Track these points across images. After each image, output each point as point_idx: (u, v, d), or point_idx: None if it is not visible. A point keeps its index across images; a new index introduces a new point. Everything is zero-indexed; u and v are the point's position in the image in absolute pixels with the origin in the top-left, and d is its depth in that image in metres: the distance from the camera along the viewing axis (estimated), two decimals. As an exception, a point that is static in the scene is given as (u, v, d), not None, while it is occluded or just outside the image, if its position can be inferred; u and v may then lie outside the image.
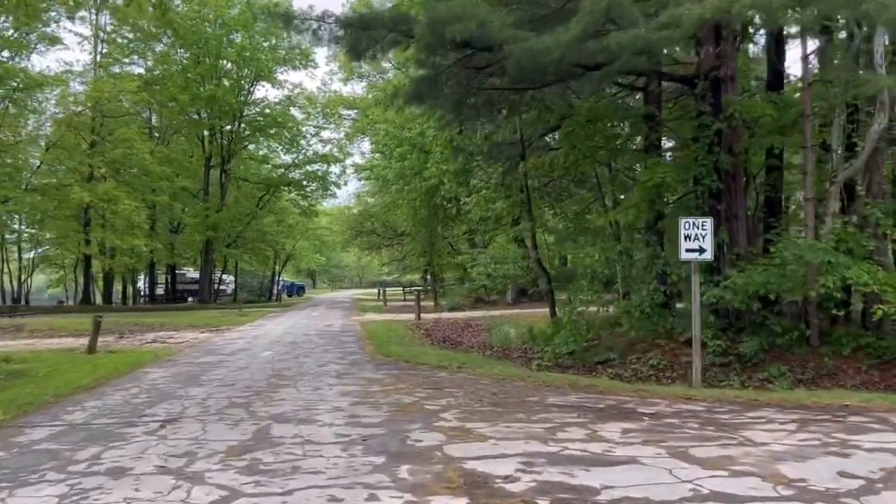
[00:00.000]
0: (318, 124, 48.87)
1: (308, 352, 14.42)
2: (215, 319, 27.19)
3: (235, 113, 41.33)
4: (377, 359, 13.09)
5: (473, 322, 24.71)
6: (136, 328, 22.83)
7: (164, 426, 6.88)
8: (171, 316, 30.28)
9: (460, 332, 22.20)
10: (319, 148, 47.87)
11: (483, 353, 16.22)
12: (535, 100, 15.19)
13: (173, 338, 18.91)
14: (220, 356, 13.84)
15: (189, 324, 24.87)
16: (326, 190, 48.47)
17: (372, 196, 49.02)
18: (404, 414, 7.45)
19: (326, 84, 58.26)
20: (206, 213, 41.92)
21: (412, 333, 20.21)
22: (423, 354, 13.59)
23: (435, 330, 21.89)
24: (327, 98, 49.35)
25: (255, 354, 14.03)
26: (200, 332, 20.65)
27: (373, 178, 34.48)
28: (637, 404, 8.22)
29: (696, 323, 10.20)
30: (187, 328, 23.17)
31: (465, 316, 27.02)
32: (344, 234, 60.07)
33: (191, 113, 40.51)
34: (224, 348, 15.54)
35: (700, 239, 10.26)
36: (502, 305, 31.01)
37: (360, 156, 52.66)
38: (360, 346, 15.78)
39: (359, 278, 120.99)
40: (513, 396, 8.76)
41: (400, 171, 30.62)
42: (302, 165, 47.55)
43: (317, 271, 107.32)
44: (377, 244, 61.68)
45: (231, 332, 20.47)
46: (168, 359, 13.53)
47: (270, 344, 16.30)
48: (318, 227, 65.11)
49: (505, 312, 27.01)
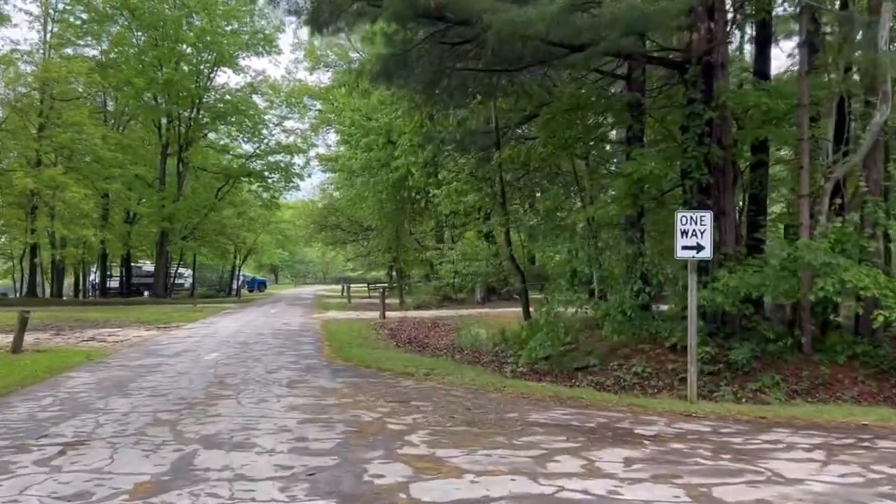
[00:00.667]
0: (281, 114, 47.23)
1: (259, 354, 13.09)
2: (166, 316, 25.61)
3: (194, 99, 39.49)
4: (335, 363, 11.84)
5: (441, 322, 23.56)
6: (77, 324, 21.18)
7: (63, 452, 5.58)
8: (120, 311, 28.56)
9: (427, 333, 21.04)
10: (283, 138, 46.23)
11: (452, 356, 15.07)
12: (512, 84, 14.08)
13: (115, 335, 17.38)
14: (160, 358, 12.46)
15: (137, 320, 23.28)
16: (289, 182, 46.83)
17: (337, 189, 47.51)
18: (363, 436, 6.25)
19: (291, 73, 56.95)
20: (161, 203, 40.03)
21: (376, 334, 18.98)
22: (387, 359, 12.38)
23: (400, 330, 20.68)
24: (291, 87, 47.72)
25: (200, 357, 12.67)
26: (146, 330, 19.14)
27: (338, 170, 33.05)
28: (632, 423, 7.15)
29: (692, 329, 9.17)
30: (133, 325, 21.60)
31: (433, 315, 25.86)
32: (308, 228, 58.39)
33: (147, 98, 38.57)
34: (166, 349, 14.13)
35: (698, 235, 9.22)
36: (471, 304, 29.90)
37: (326, 147, 51.16)
38: (318, 348, 14.50)
39: (323, 274, 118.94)
40: (489, 412, 7.62)
41: (366, 162, 29.29)
42: (264, 156, 45.85)
43: (279, 266, 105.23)
44: (342, 239, 60.10)
45: (179, 331, 19.00)
46: (100, 360, 12.10)
47: (219, 344, 14.92)
48: (281, 220, 63.41)
49: (474, 312, 25.90)
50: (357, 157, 29.57)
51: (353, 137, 29.04)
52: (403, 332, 20.33)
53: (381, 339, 17.64)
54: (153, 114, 38.88)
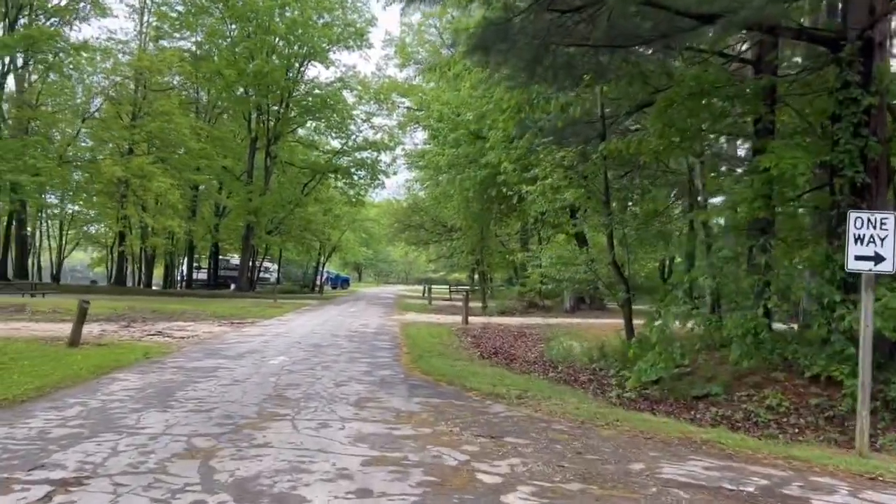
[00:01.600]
0: (370, 111, 46.47)
1: (330, 361, 11.72)
2: (243, 310, 24.89)
3: (283, 92, 39.11)
4: (413, 377, 10.31)
5: (528, 330, 21.80)
6: (152, 316, 20.60)
7: (49, 497, 4.21)
8: (200, 304, 28.14)
9: (513, 343, 19.33)
10: (370, 134, 45.45)
11: (545, 372, 13.31)
12: (627, 64, 12.20)
13: (184, 330, 16.51)
14: (221, 359, 11.27)
15: (213, 314, 22.59)
16: (375, 178, 46.01)
17: (422, 187, 46.38)
18: (445, 492, 4.64)
19: (381, 69, 56.06)
20: (248, 196, 39.89)
21: (458, 341, 17.42)
22: (472, 374, 10.74)
23: (484, 338, 19.05)
24: (381, 84, 46.94)
25: (264, 360, 11.40)
26: (218, 325, 18.24)
27: (424, 167, 31.71)
28: (803, 488, 5.26)
29: (865, 360, 7.11)
30: (208, 319, 20.86)
31: (518, 322, 24.12)
32: (391, 226, 57.66)
33: (237, 91, 38.46)
34: (232, 348, 12.99)
35: (877, 242, 7.18)
36: (558, 313, 27.97)
37: (413, 146, 50.20)
38: (395, 355, 13.03)
39: (405, 274, 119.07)
40: (607, 459, 5.86)
41: (453, 158, 27.82)
42: (351, 152, 45.19)
43: (363, 265, 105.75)
44: (425, 239, 59.14)
45: (252, 327, 18.00)
46: (156, 359, 11.01)
47: (288, 346, 13.69)
48: (366, 218, 63.08)
49: (563, 321, 23.99)
50: (444, 153, 28.14)
51: (440, 133, 27.64)
52: (488, 340, 18.69)
53: (463, 347, 16.05)
54: (243, 106, 38.73)
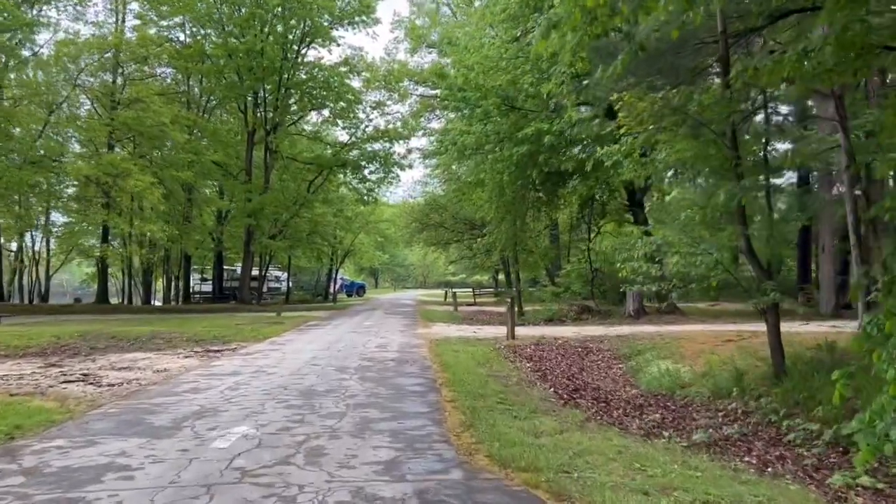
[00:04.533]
0: (379, 99, 41.64)
1: (325, 432, 6.82)
2: (233, 329, 20.16)
3: (280, 74, 34.31)
4: (476, 469, 5.45)
5: (591, 344, 16.90)
6: (108, 343, 15.88)
7: None
8: (184, 322, 23.43)
9: (582, 364, 14.43)
10: (381, 123, 40.64)
11: (677, 427, 8.37)
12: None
13: (133, 368, 11.71)
14: (135, 440, 6.42)
15: (192, 336, 17.87)
16: (389, 172, 41.11)
17: (443, 176, 41.63)
18: None
19: (391, 53, 51.15)
20: (247, 196, 35.22)
21: (513, 368, 12.51)
22: (584, 462, 5.81)
23: (544, 360, 14.12)
24: (390, 68, 42.15)
25: (208, 440, 6.52)
26: (184, 357, 13.43)
27: (444, 151, 26.78)
28: None
29: None
30: (183, 344, 16.11)
31: (572, 332, 19.16)
32: (408, 226, 52.92)
33: (227, 75, 33.79)
34: (172, 408, 8.14)
35: None
36: (618, 318, 22.97)
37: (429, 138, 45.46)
38: (433, 406, 8.14)
39: (423, 278, 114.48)
40: None
41: (482, 136, 22.93)
42: (360, 144, 40.36)
43: (379, 270, 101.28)
44: (446, 239, 54.40)
45: (229, 359, 13.17)
46: (11, 447, 6.21)
47: (266, 396, 8.82)
48: (380, 219, 58.44)
49: (631, 330, 19.02)
50: (471, 130, 23.21)
51: (466, 103, 22.71)
52: (550, 364, 13.77)
53: (526, 381, 11.12)
54: (235, 92, 33.98)
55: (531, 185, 24.76)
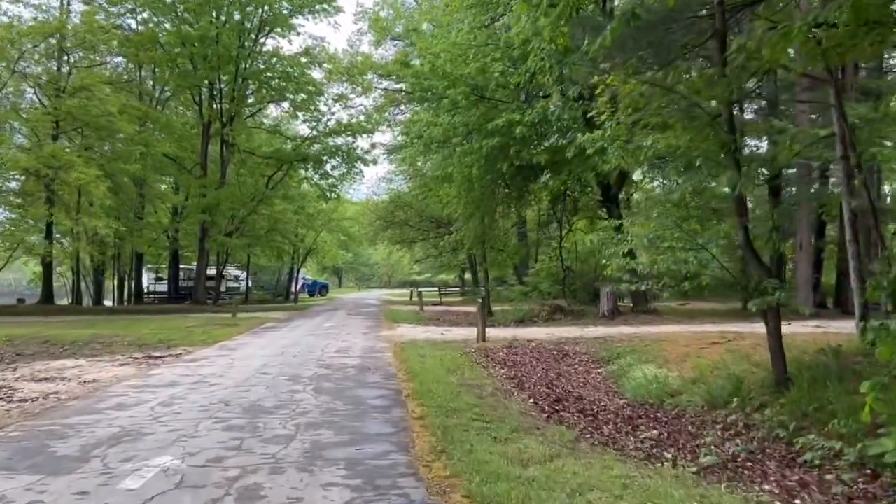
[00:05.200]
0: (342, 91, 40.13)
1: (266, 464, 5.61)
2: (183, 332, 18.71)
3: (237, 63, 32.67)
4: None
5: (567, 346, 15.91)
6: (37, 350, 14.39)
7: None
8: (130, 324, 21.84)
9: (558, 368, 13.41)
10: (344, 116, 39.19)
11: (676, 445, 7.35)
12: None
13: (56, 379, 10.28)
14: (29, 476, 5.14)
15: (135, 340, 16.41)
16: (352, 167, 39.68)
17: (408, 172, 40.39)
18: None
19: (354, 45, 49.64)
20: (202, 191, 33.52)
21: (486, 375, 11.40)
22: (565, 481, 4.74)
23: (519, 366, 13.06)
24: (353, 60, 40.69)
25: (116, 476, 5.28)
26: (120, 365, 12.02)
27: (409, 145, 25.53)
28: None
29: None
30: (121, 349, 14.68)
31: (546, 334, 18.14)
32: (372, 224, 51.58)
33: (181, 64, 32.04)
34: (87, 431, 6.80)
35: None
36: (592, 318, 22.03)
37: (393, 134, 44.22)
38: (400, 426, 6.95)
39: (388, 278, 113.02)
40: None
41: (450, 127, 21.80)
42: (322, 138, 38.84)
43: (343, 269, 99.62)
44: (410, 237, 53.18)
45: (172, 367, 11.80)
46: None
47: (202, 414, 7.55)
48: (343, 217, 56.91)
49: (607, 332, 18.07)
50: (438, 121, 22.05)
51: (433, 92, 21.54)
52: (527, 370, 12.68)
53: (502, 390, 10.01)
54: (188, 81, 32.21)
55: (501, 180, 23.74)
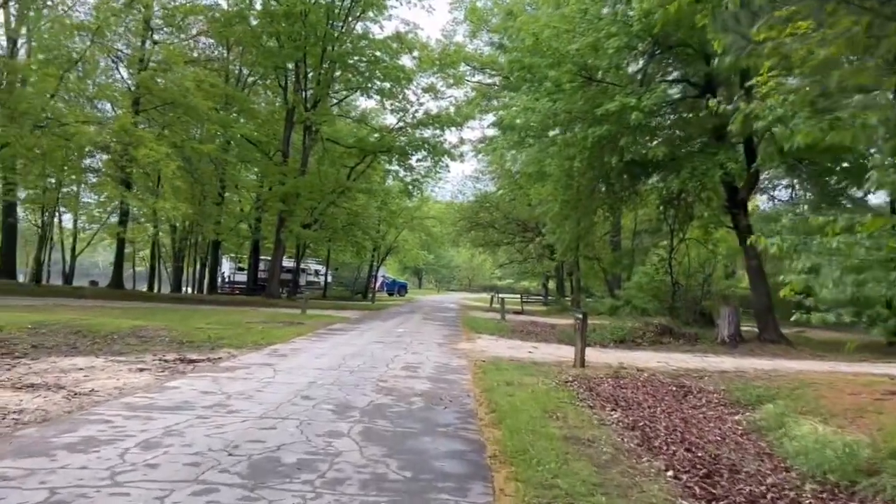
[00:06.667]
0: (432, 82, 37.82)
1: None
2: (240, 330, 16.67)
3: (325, 45, 30.75)
4: None
5: (685, 379, 12.75)
6: (68, 339, 12.44)
7: None
8: (188, 316, 20.11)
9: (682, 411, 10.36)
10: (433, 108, 36.90)
11: None
12: None
13: (49, 384, 8.17)
14: None
15: (179, 336, 14.37)
16: (438, 161, 37.28)
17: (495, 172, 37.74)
18: None
19: (448, 35, 47.30)
20: (281, 179, 31.87)
21: (597, 421, 8.52)
22: None
23: (632, 405, 10.10)
24: (445, 49, 38.33)
25: None
26: (139, 371, 9.78)
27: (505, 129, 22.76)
28: None
29: None
30: (157, 347, 12.59)
31: (658, 362, 15.00)
32: (456, 224, 49.15)
33: (266, 41, 30.42)
34: (8, 493, 4.48)
35: None
36: (708, 344, 18.65)
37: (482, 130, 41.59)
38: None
39: (468, 281, 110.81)
40: None
41: (549, 114, 18.93)
42: (409, 129, 36.63)
43: (423, 270, 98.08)
44: (495, 241, 50.45)
45: (198, 378, 9.47)
46: None
47: (193, 466, 5.05)
48: (426, 216, 54.85)
49: (738, 364, 14.81)
50: (536, 106, 19.17)
51: (533, 72, 18.73)
52: (645, 414, 9.71)
53: (625, 451, 7.15)
54: (273, 60, 30.51)
55: (605, 178, 20.70)
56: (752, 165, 18.86)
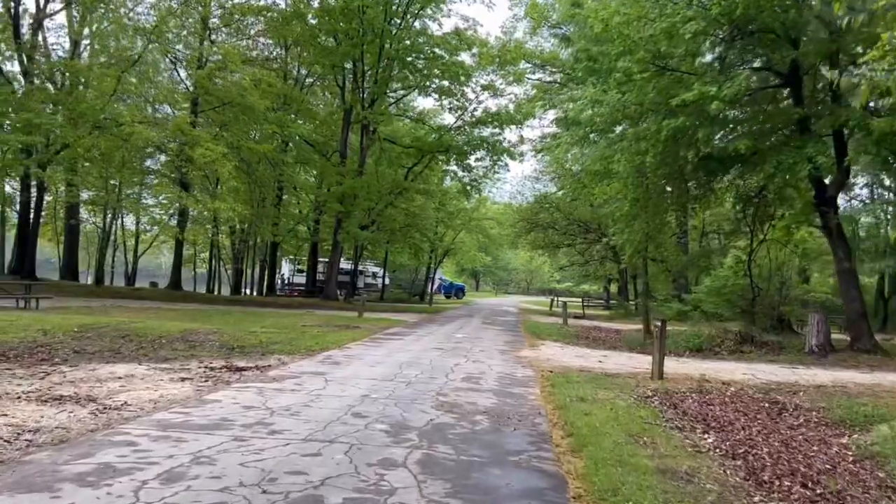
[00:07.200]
0: (491, 80, 36.76)
1: None
2: (291, 334, 16.00)
3: (382, 42, 30.08)
4: None
5: (777, 394, 11.38)
6: (113, 344, 11.92)
7: None
8: (242, 319, 19.64)
9: (777, 431, 9.08)
10: (492, 106, 35.89)
11: None
12: None
13: (78, 396, 7.51)
14: None
15: (229, 340, 13.74)
16: (498, 160, 36.21)
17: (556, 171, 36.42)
18: None
19: (508, 32, 46.13)
20: (338, 179, 31.35)
21: (690, 448, 7.37)
22: None
23: (724, 425, 8.89)
24: (504, 45, 37.24)
25: None
26: (181, 380, 9.08)
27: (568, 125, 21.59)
28: None
29: None
30: (205, 353, 11.95)
31: (743, 374, 13.62)
32: (515, 226, 47.91)
33: (323, 38, 29.95)
34: None
35: None
36: (795, 354, 17.07)
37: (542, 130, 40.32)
38: None
39: (526, 284, 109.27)
40: None
41: (617, 107, 17.68)
42: (467, 128, 35.67)
43: (481, 272, 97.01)
44: (555, 243, 48.95)
45: (242, 390, 8.69)
46: None
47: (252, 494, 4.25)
48: (484, 217, 53.83)
49: (834, 376, 13.31)
50: (604, 98, 17.92)
51: (600, 62, 17.52)
52: (741, 437, 8.50)
53: (730, 488, 6.00)
54: (330, 58, 29.99)
55: (679, 174, 19.31)
56: (844, 160, 17.25)
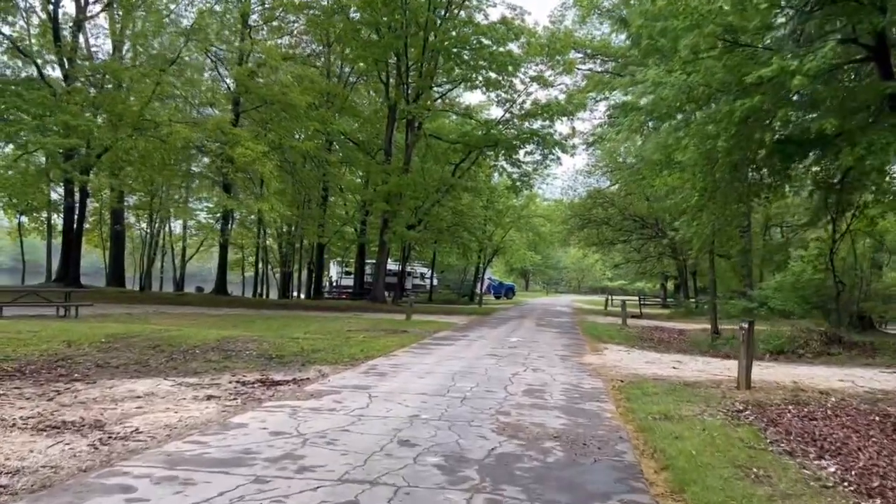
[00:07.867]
0: (540, 70, 35.30)
1: None
2: (335, 341, 14.98)
3: (426, 34, 28.95)
4: None
5: (888, 406, 9.81)
6: (142, 355, 11.04)
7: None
8: (285, 325, 18.80)
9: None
10: (541, 97, 34.45)
11: None
12: None
13: (84, 423, 6.54)
14: None
15: (268, 349, 12.78)
16: (548, 154, 34.73)
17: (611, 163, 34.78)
18: None
19: (556, 21, 44.47)
20: (384, 178, 30.40)
21: (815, 483, 6.00)
22: None
23: (839, 447, 7.42)
24: (553, 34, 35.74)
25: None
26: (206, 399, 8.06)
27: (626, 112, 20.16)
28: None
29: None
30: (240, 365, 10.97)
31: (840, 381, 12.04)
32: (566, 222, 46.34)
33: (364, 31, 29.01)
34: None
35: None
36: (891, 355, 15.31)
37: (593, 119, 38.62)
38: None
39: (577, 282, 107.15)
40: None
41: (683, 88, 16.16)
42: (517, 122, 34.32)
43: (530, 271, 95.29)
44: (609, 239, 47.14)
45: (275, 410, 7.61)
46: None
47: None
48: (534, 214, 52.37)
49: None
50: (668, 78, 16.40)
51: (666, 35, 16.06)
52: (865, 465, 7.05)
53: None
54: (373, 52, 29.01)
55: (752, 160, 17.66)
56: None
